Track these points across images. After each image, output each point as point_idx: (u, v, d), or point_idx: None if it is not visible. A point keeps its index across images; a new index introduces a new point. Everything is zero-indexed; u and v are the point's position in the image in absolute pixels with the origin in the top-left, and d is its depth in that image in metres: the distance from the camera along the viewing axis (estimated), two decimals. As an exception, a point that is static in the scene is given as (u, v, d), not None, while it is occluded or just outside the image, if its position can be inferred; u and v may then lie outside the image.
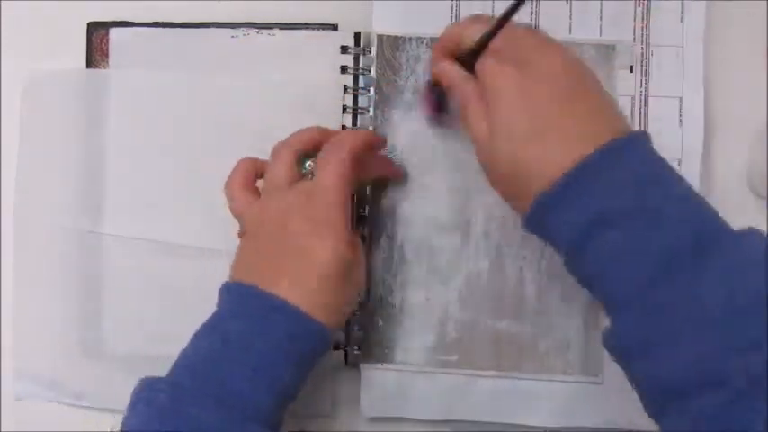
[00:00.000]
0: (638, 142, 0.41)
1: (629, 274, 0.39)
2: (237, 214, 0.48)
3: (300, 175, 0.47)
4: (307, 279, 0.44)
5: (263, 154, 0.49)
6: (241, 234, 0.48)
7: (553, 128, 0.41)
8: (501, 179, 0.44)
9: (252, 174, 0.49)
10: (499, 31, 0.43)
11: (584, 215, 0.39)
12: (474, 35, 0.45)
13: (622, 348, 0.40)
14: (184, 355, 0.44)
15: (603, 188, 0.39)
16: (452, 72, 0.46)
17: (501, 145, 0.42)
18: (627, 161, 0.40)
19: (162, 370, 0.52)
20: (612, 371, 0.52)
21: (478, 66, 0.44)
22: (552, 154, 0.40)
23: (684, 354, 0.36)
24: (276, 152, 0.48)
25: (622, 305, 0.39)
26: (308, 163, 0.47)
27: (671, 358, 0.37)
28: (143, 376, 0.43)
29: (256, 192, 0.48)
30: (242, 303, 0.44)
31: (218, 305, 0.46)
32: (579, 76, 0.43)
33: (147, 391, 0.42)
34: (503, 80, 0.42)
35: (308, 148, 0.48)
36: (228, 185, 0.49)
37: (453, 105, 0.52)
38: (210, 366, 0.42)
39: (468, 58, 0.45)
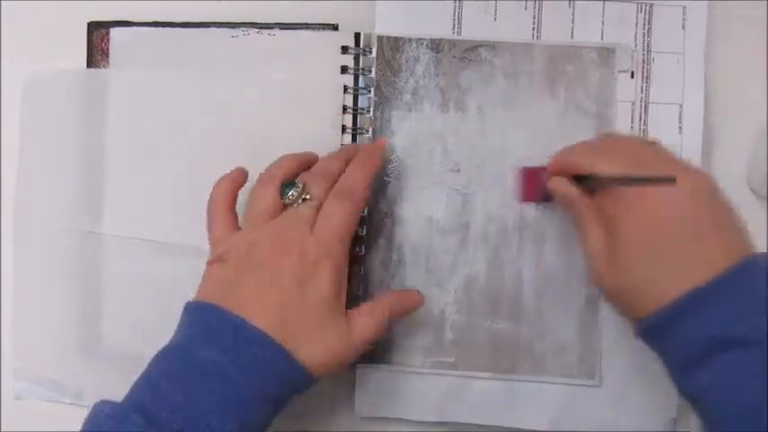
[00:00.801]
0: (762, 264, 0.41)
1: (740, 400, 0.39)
2: (217, 236, 0.47)
3: (283, 205, 0.46)
4: (296, 316, 0.43)
5: (263, 154, 0.49)
6: (213, 261, 0.46)
7: (676, 253, 0.42)
8: (618, 293, 0.45)
9: (234, 196, 0.48)
10: (635, 183, 0.43)
11: (708, 332, 0.40)
12: (593, 165, 0.45)
13: None
14: (152, 381, 0.42)
15: (729, 310, 0.40)
16: (570, 189, 0.47)
17: (620, 268, 0.43)
18: (752, 284, 0.40)
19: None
20: (610, 374, 0.53)
21: (602, 194, 0.45)
22: (672, 276, 0.41)
23: None
24: (261, 182, 0.47)
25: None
26: (290, 192, 0.46)
27: None
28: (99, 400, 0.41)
29: (236, 216, 0.48)
30: (219, 330, 0.42)
31: (186, 325, 0.44)
32: (707, 204, 0.43)
33: (119, 423, 0.40)
34: (625, 212, 0.43)
35: (291, 177, 0.47)
36: (213, 204, 0.48)
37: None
38: (185, 402, 0.40)
39: (586, 180, 0.46)
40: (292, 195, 0.46)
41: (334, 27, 0.54)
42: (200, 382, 0.41)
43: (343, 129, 0.54)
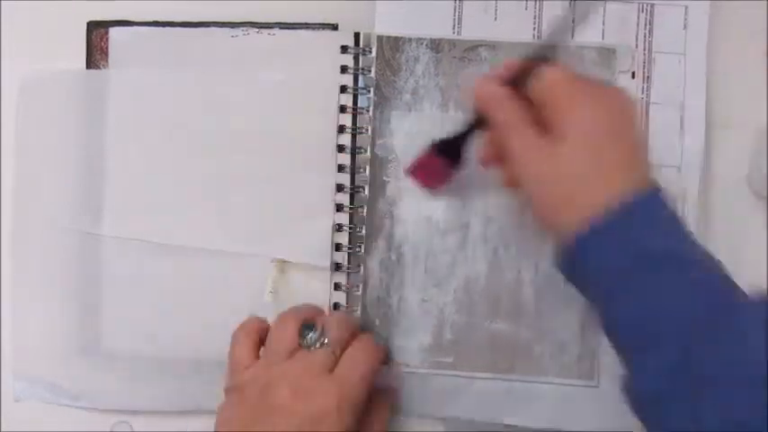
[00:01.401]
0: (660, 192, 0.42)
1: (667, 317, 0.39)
2: (236, 360, 0.48)
3: (299, 346, 0.47)
4: None
5: (264, 154, 0.49)
6: (231, 390, 0.47)
7: (609, 163, 0.41)
8: (548, 198, 0.43)
9: (258, 332, 0.49)
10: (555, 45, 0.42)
11: (628, 252, 0.40)
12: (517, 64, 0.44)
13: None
14: None
15: (645, 229, 0.40)
16: (497, 90, 0.44)
17: (563, 162, 0.41)
18: (661, 208, 0.41)
19: (160, 371, 0.54)
20: (607, 374, 0.53)
21: (549, 74, 0.43)
22: (600, 188, 0.41)
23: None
24: (282, 320, 0.48)
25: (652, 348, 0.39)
26: (309, 335, 0.47)
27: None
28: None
29: (258, 347, 0.49)
30: None
31: None
32: (630, 117, 0.43)
33: None
34: (580, 96, 0.42)
35: (311, 319, 0.48)
36: (239, 329, 0.49)
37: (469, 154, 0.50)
38: None
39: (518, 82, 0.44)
40: (311, 338, 0.47)
41: (334, 27, 0.54)
42: None
43: (343, 128, 0.54)
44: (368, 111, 0.54)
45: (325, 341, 0.47)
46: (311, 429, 0.44)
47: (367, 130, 0.54)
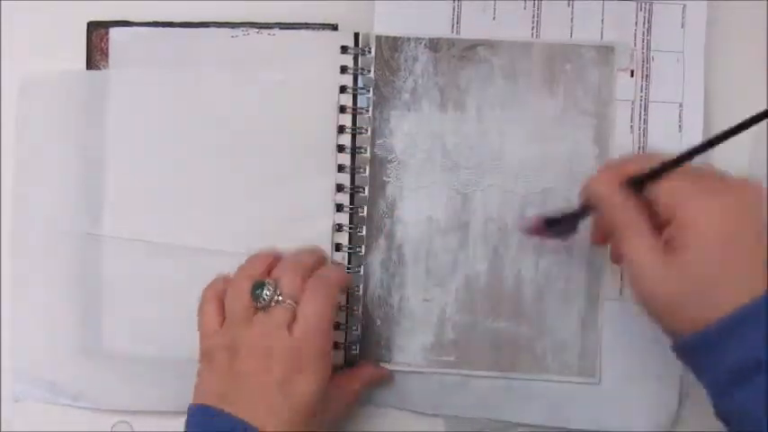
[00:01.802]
0: None
1: None
2: (203, 330, 0.48)
3: (256, 307, 0.46)
4: (282, 412, 0.44)
5: (263, 154, 0.49)
6: (201, 357, 0.47)
7: (734, 269, 0.40)
8: (672, 299, 0.42)
9: (223, 294, 0.48)
10: (687, 159, 0.41)
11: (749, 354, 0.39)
12: (643, 164, 0.43)
13: None
14: None
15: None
16: (614, 193, 0.43)
17: (681, 277, 0.41)
18: None
19: (160, 371, 0.53)
20: (609, 372, 0.53)
21: (667, 186, 0.42)
22: (733, 285, 0.40)
23: None
24: (234, 282, 0.47)
25: None
26: (262, 293, 0.45)
27: None
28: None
29: (222, 309, 0.48)
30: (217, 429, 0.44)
31: (189, 426, 0.45)
32: (758, 215, 0.41)
33: None
34: (704, 213, 0.40)
35: (263, 274, 0.47)
36: (201, 300, 0.49)
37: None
38: None
39: (638, 184, 0.43)
40: (265, 297, 0.45)
41: (334, 27, 0.54)
42: None
43: (343, 128, 0.54)
44: (367, 111, 0.54)
45: (279, 298, 0.45)
46: (282, 392, 0.44)
47: (367, 130, 0.54)
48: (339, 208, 0.53)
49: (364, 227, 0.53)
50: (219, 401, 0.44)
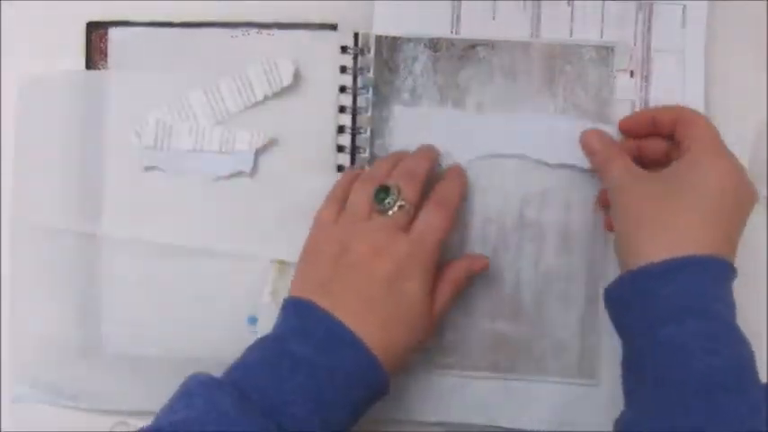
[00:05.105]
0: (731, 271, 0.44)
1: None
2: (321, 220, 0.49)
3: (377, 210, 0.48)
4: (384, 307, 0.45)
5: (263, 154, 0.48)
6: (308, 251, 0.49)
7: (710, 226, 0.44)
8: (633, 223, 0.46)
9: (347, 191, 0.50)
10: None
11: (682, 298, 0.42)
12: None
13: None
14: (246, 364, 0.44)
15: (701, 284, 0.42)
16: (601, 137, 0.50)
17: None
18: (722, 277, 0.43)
19: (160, 371, 0.53)
20: (609, 374, 0.52)
21: (701, 121, 0.47)
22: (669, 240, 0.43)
23: None
24: (357, 187, 0.49)
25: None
26: (387, 200, 0.47)
27: None
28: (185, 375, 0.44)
29: (342, 207, 0.49)
30: (313, 328, 0.44)
31: (283, 319, 0.46)
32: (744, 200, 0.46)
33: (211, 390, 0.42)
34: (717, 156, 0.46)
35: (384, 179, 0.49)
36: (330, 192, 0.51)
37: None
38: (274, 388, 0.42)
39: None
40: (388, 203, 0.47)
41: (334, 27, 0.54)
42: (289, 374, 0.43)
43: (343, 128, 0.54)
44: (367, 110, 0.54)
45: (403, 203, 0.47)
46: (387, 285, 0.45)
47: (366, 130, 0.54)
48: (339, 208, 0.53)
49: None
50: (318, 290, 0.45)
